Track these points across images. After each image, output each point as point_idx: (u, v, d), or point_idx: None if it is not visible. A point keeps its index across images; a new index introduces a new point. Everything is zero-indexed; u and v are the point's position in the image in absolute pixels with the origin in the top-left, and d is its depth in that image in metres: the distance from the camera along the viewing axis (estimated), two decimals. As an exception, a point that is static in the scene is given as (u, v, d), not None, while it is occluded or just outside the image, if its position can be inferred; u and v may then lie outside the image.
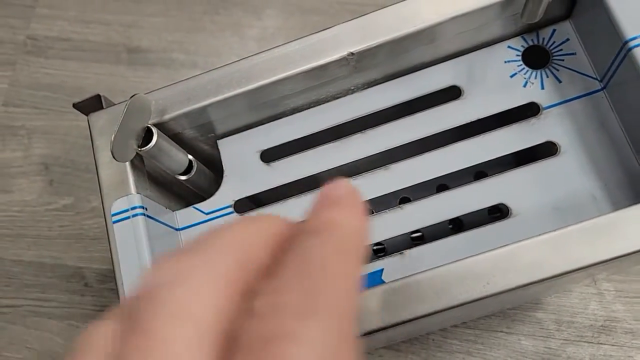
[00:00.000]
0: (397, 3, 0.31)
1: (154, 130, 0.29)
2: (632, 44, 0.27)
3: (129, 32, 0.67)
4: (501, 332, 0.53)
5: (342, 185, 0.16)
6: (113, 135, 0.27)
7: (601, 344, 0.52)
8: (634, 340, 0.52)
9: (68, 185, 0.60)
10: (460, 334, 0.53)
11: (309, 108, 0.34)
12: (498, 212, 0.37)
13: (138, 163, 0.31)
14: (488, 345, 0.52)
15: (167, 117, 0.32)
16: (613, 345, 0.52)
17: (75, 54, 0.66)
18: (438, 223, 0.31)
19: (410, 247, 0.31)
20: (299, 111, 0.34)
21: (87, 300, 0.57)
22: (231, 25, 0.68)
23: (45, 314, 0.56)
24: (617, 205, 0.29)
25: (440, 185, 0.39)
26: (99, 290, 0.57)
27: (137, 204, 0.30)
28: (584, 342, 0.53)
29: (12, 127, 0.63)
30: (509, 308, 0.55)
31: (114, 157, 0.28)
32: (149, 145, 0.29)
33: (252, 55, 0.31)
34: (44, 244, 0.58)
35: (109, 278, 0.57)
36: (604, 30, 0.29)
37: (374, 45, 0.30)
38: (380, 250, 0.42)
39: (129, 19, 0.67)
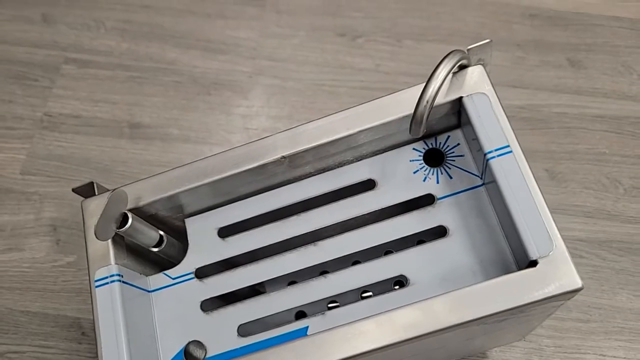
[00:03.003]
0: (322, 117, 0.40)
1: (130, 215, 0.38)
2: (489, 155, 0.36)
3: (132, 110, 0.77)
4: (443, 382, 0.60)
5: None
6: (97, 221, 0.36)
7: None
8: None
9: (73, 245, 0.69)
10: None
11: (257, 194, 0.43)
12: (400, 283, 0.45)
13: (118, 239, 0.40)
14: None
15: (142, 202, 0.41)
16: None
17: (84, 129, 0.76)
18: (352, 290, 0.39)
19: (329, 309, 0.39)
20: (250, 196, 0.43)
21: (84, 348, 0.65)
22: (220, 104, 0.78)
23: (46, 360, 0.64)
24: (490, 279, 0.37)
25: (355, 260, 0.47)
26: (94, 339, 0.65)
27: (115, 272, 0.38)
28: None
29: (27, 192, 0.72)
30: (456, 359, 0.62)
31: (96, 237, 0.36)
32: (125, 227, 0.38)
33: (209, 156, 0.41)
34: (49, 296, 0.67)
35: (104, 328, 0.65)
36: (476, 140, 0.37)
37: (301, 150, 0.39)
38: (303, 315, 0.49)
39: (132, 99, 0.78)
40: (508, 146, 0.35)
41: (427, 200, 0.40)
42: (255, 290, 0.50)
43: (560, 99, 0.76)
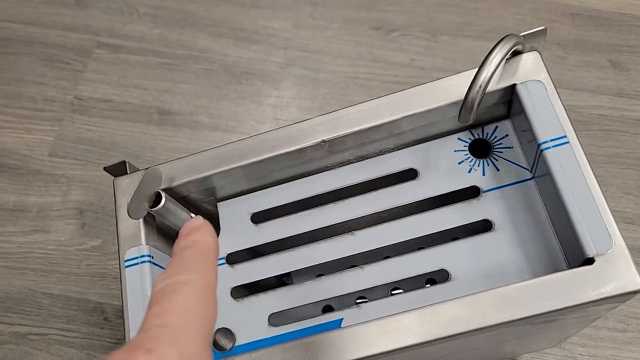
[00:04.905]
0: (364, 102, 0.38)
1: (163, 194, 0.37)
2: (543, 146, 0.34)
3: (162, 96, 0.77)
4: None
5: (198, 219, 0.29)
6: (130, 198, 0.35)
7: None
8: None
9: (98, 229, 0.69)
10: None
11: (292, 180, 0.41)
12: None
13: (150, 219, 0.39)
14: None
15: (175, 183, 0.39)
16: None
17: (114, 114, 0.75)
18: (388, 283, 0.37)
19: (366, 298, 0.37)
20: (284, 182, 0.41)
21: (106, 333, 0.64)
22: (251, 93, 0.77)
23: (67, 343, 0.63)
24: (537, 276, 0.35)
25: (394, 250, 0.45)
26: (116, 324, 0.64)
27: (145, 252, 0.37)
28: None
29: (54, 175, 0.72)
30: (484, 365, 0.60)
31: (129, 215, 0.35)
32: (158, 207, 0.37)
33: (245, 138, 0.39)
34: (72, 280, 0.66)
35: (126, 314, 0.64)
36: (529, 131, 0.35)
37: (342, 135, 0.38)
38: (330, 309, 0.47)
39: (163, 85, 0.77)
40: (565, 136, 0.33)
41: (471, 193, 0.38)
42: (283, 282, 0.48)
43: (601, 100, 0.73)
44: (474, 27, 0.79)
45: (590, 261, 0.31)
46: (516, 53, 0.36)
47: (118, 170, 0.41)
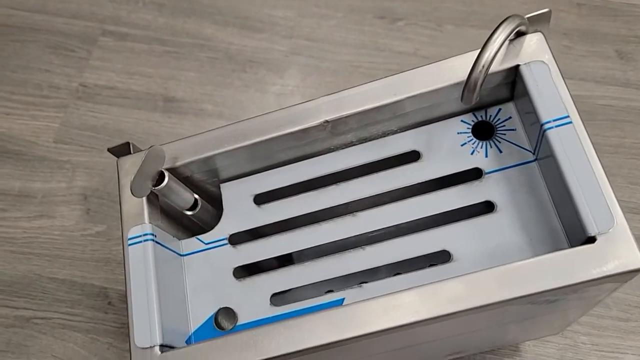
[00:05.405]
0: (367, 82, 0.38)
1: (166, 173, 0.37)
2: (546, 126, 0.34)
3: (167, 84, 0.77)
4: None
5: None
6: (133, 176, 0.35)
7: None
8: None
9: (102, 215, 0.69)
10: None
11: (295, 162, 0.41)
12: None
13: (153, 199, 0.39)
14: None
15: (178, 163, 0.40)
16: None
17: (118, 101, 0.76)
18: (392, 263, 0.37)
19: (367, 281, 0.37)
20: (287, 164, 0.42)
21: (109, 318, 0.64)
22: (255, 82, 0.77)
23: (71, 327, 0.64)
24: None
25: (396, 232, 0.45)
26: (120, 309, 0.65)
27: (149, 231, 0.37)
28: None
29: (60, 161, 0.72)
30: (486, 351, 0.60)
31: (132, 193, 0.35)
32: (161, 185, 0.37)
33: (249, 119, 0.39)
34: (77, 264, 0.66)
35: (130, 299, 0.65)
36: (532, 112, 0.35)
37: (345, 115, 0.38)
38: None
39: (167, 73, 0.77)
40: (568, 116, 0.33)
41: (474, 175, 0.38)
42: (284, 263, 0.48)
43: (607, 90, 0.73)
44: (480, 17, 0.79)
45: (592, 240, 0.31)
46: (520, 34, 0.36)
47: (122, 151, 0.41)
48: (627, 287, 0.62)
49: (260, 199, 0.41)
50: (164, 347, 0.35)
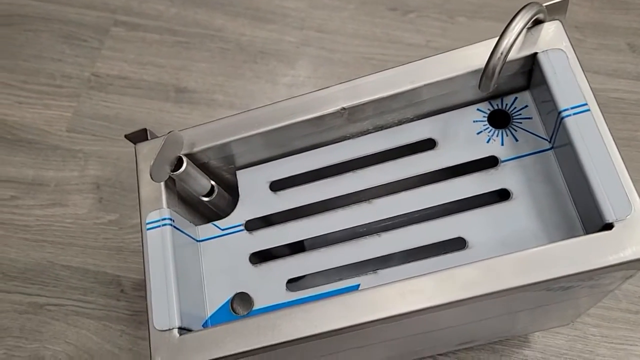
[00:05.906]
0: (384, 70, 0.38)
1: (184, 159, 0.38)
2: (564, 114, 0.34)
3: (179, 74, 0.77)
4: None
5: None
6: (152, 161, 0.35)
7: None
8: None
9: (115, 204, 0.69)
10: (447, 361, 0.58)
11: (311, 149, 0.42)
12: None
13: (170, 184, 0.40)
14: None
15: (196, 149, 0.40)
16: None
17: (131, 91, 0.76)
18: (407, 250, 0.38)
19: (383, 268, 0.38)
20: (303, 151, 0.42)
21: (122, 305, 0.65)
22: (266, 72, 0.77)
23: (84, 314, 0.65)
24: (554, 244, 0.35)
25: (412, 219, 0.46)
26: (132, 297, 0.65)
27: (167, 216, 0.38)
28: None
29: (72, 150, 0.73)
30: (495, 341, 0.60)
31: (151, 177, 0.36)
32: (179, 170, 0.37)
33: (265, 105, 0.40)
34: (90, 253, 0.67)
35: (142, 287, 0.65)
36: (550, 101, 0.35)
37: (362, 102, 0.38)
38: None
39: (179, 63, 0.78)
40: (586, 104, 0.33)
41: (490, 163, 0.38)
42: (300, 249, 0.49)
43: (619, 84, 0.73)
44: (492, 9, 0.79)
45: (609, 226, 0.31)
46: (537, 22, 0.36)
47: (139, 137, 0.42)
48: (638, 280, 0.62)
49: (277, 186, 0.42)
50: (182, 330, 0.35)
